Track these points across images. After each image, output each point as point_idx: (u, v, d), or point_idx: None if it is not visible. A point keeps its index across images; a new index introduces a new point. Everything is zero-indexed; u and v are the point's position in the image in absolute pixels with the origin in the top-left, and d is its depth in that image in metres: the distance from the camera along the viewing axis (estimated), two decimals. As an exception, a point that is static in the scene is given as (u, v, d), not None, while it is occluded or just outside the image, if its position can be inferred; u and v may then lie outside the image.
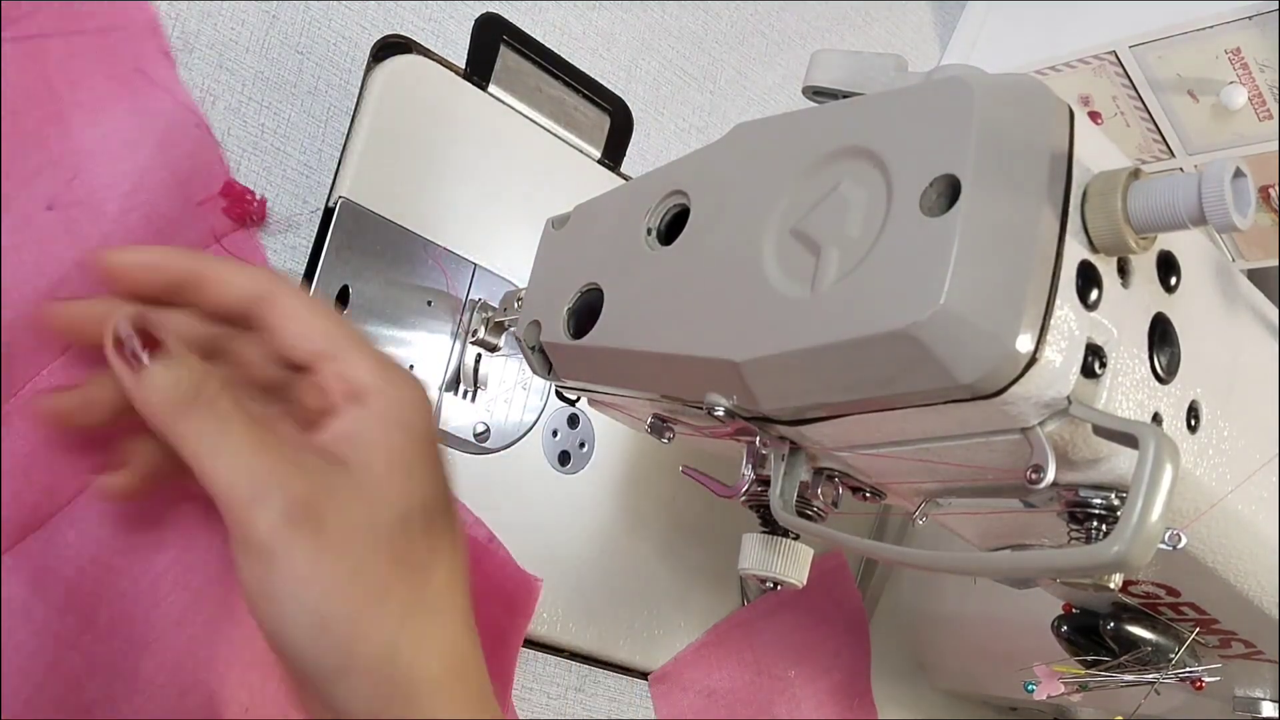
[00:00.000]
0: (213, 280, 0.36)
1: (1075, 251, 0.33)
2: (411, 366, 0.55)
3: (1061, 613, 0.51)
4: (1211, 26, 0.67)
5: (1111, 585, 0.38)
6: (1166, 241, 0.37)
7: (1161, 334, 0.36)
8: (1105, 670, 0.49)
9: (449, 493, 0.37)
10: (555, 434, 0.61)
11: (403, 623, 0.34)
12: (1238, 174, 0.32)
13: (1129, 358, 0.35)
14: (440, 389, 0.56)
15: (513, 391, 0.59)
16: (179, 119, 0.44)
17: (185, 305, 0.37)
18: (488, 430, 0.58)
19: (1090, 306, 0.34)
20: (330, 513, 0.33)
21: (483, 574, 0.54)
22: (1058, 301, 0.32)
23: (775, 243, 0.38)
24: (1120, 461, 0.36)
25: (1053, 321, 0.32)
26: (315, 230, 0.53)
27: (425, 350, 0.55)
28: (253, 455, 0.33)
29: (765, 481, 0.44)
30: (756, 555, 0.45)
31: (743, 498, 0.46)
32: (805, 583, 0.46)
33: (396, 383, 0.36)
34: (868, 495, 0.44)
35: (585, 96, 0.63)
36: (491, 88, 0.59)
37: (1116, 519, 0.34)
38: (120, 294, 0.36)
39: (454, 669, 0.34)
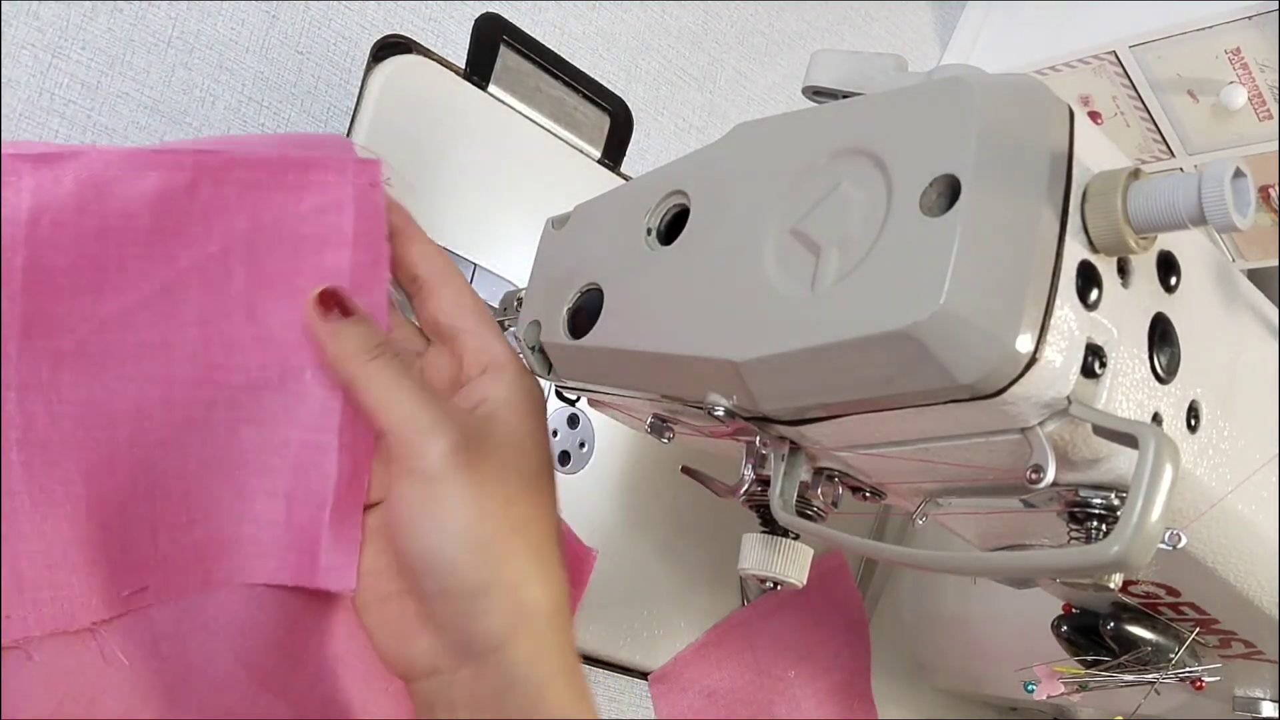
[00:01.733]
0: (414, 243, 0.43)
1: (1075, 251, 0.33)
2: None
3: (1061, 613, 0.51)
4: (1211, 26, 0.67)
5: (1111, 585, 0.38)
6: (1166, 241, 0.37)
7: (1161, 334, 0.36)
8: (1105, 670, 0.49)
9: (552, 461, 0.43)
10: (555, 434, 0.61)
11: (533, 556, 0.39)
12: (1238, 174, 0.32)
13: (1129, 358, 0.35)
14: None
15: (513, 391, 0.59)
16: None
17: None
18: (488, 430, 0.58)
19: (1090, 306, 0.34)
20: (485, 454, 0.38)
21: None
22: (1058, 301, 0.32)
23: (775, 243, 0.38)
24: (1120, 461, 0.36)
25: (1053, 321, 0.32)
26: (315, 230, 0.53)
27: (425, 350, 0.55)
28: (425, 403, 0.38)
29: (765, 481, 0.44)
30: (756, 555, 0.45)
31: (743, 498, 0.46)
32: (805, 583, 0.46)
33: (521, 364, 0.43)
34: (868, 495, 0.44)
35: (585, 96, 0.63)
36: (491, 88, 0.59)
37: (1116, 519, 0.34)
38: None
39: (562, 607, 0.40)
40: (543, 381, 0.49)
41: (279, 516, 0.40)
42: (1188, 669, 0.49)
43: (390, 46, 0.56)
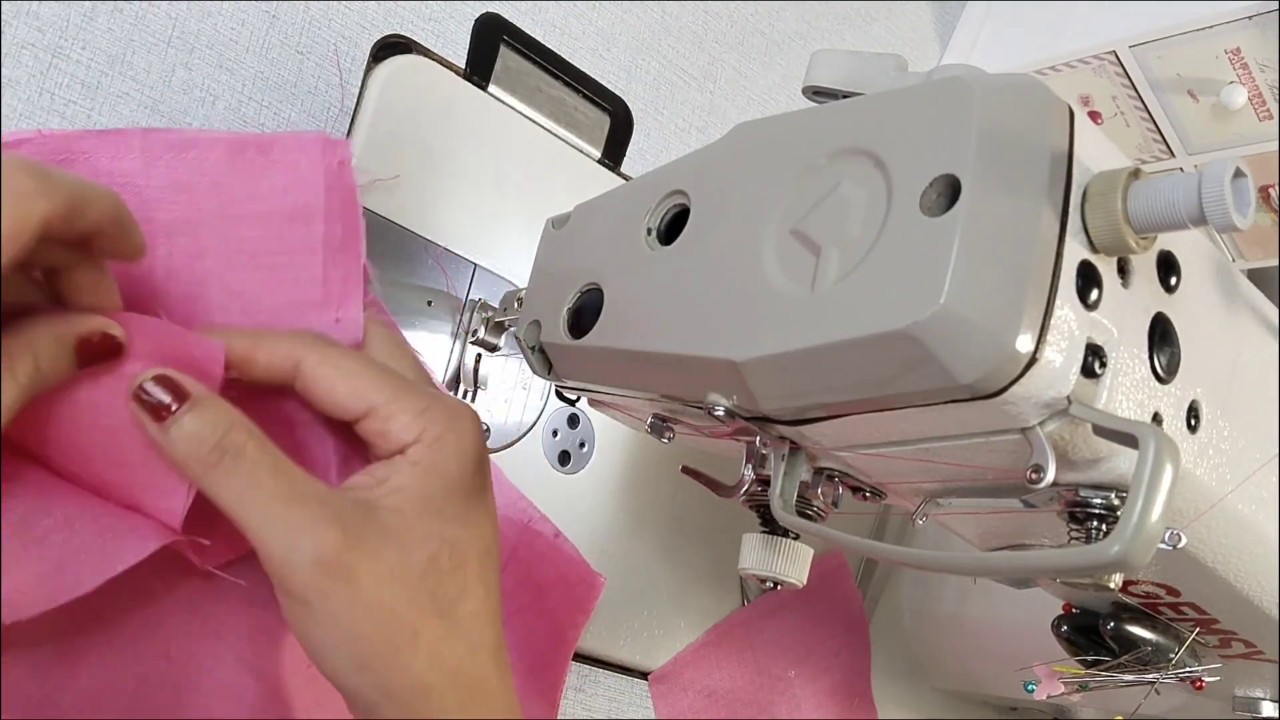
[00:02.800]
0: (256, 351, 0.37)
1: (1075, 251, 0.33)
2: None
3: (1061, 613, 0.51)
4: (1211, 26, 0.67)
5: (1111, 585, 0.38)
6: (1166, 241, 0.37)
7: (1161, 334, 0.36)
8: (1105, 670, 0.49)
9: (487, 527, 0.39)
10: (555, 434, 0.61)
11: (432, 659, 0.36)
12: (1238, 174, 0.32)
13: (1129, 358, 0.35)
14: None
15: (513, 391, 0.59)
16: None
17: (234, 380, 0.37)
18: (488, 430, 0.58)
19: (1090, 306, 0.34)
20: (361, 561, 0.34)
21: (549, 568, 0.56)
22: (1058, 301, 0.32)
23: (775, 243, 0.38)
24: (1120, 461, 0.36)
25: (1053, 321, 0.32)
26: (315, 230, 0.53)
27: (425, 350, 0.55)
28: (285, 506, 0.34)
29: (765, 481, 0.44)
30: (756, 555, 0.45)
31: (743, 498, 0.46)
32: (805, 583, 0.46)
33: (437, 432, 0.37)
34: (868, 495, 0.44)
35: (585, 96, 0.63)
36: (491, 88, 0.59)
37: (1116, 519, 0.34)
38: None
39: (479, 698, 0.37)
40: (543, 381, 0.49)
41: None
42: (1188, 669, 0.49)
43: (390, 46, 0.56)
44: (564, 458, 0.61)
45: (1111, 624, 0.49)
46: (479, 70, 0.58)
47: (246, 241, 0.40)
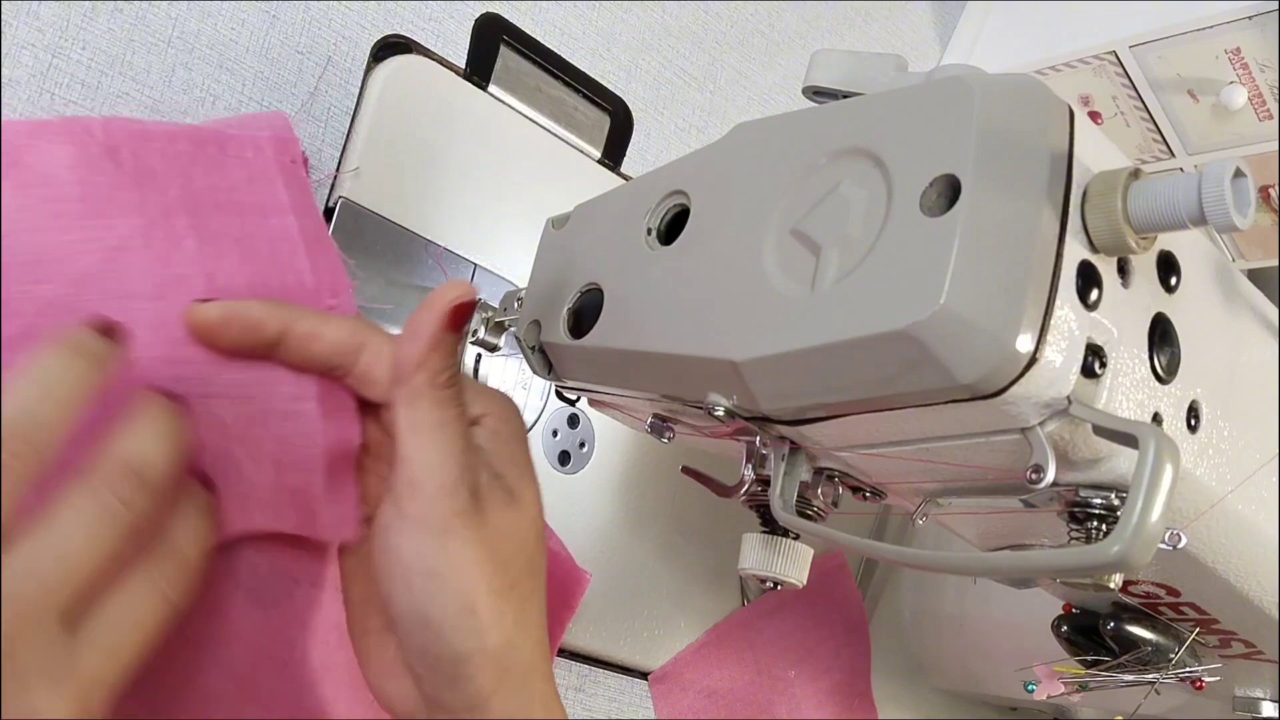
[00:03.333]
0: (303, 335, 0.38)
1: (1075, 251, 0.33)
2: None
3: (1061, 613, 0.51)
4: (1211, 26, 0.67)
5: (1111, 585, 0.38)
6: (1166, 241, 0.37)
7: (1161, 334, 0.36)
8: (1105, 670, 0.49)
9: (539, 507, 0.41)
10: (555, 434, 0.61)
11: (518, 615, 0.37)
12: (1238, 174, 0.32)
13: (1129, 358, 0.35)
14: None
15: (513, 391, 0.59)
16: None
17: (276, 358, 0.38)
18: (488, 430, 0.58)
19: (1090, 306, 0.34)
20: (491, 511, 0.37)
21: None
22: (1058, 301, 0.32)
23: (775, 243, 0.38)
24: (1120, 461, 0.36)
25: (1053, 321, 0.32)
26: (315, 230, 0.53)
27: (425, 350, 0.55)
28: (461, 452, 0.37)
29: (765, 481, 0.44)
30: (756, 555, 0.45)
31: (743, 498, 0.46)
32: (805, 583, 0.46)
33: (503, 401, 0.40)
34: (868, 495, 0.44)
35: (585, 96, 0.63)
36: (491, 88, 0.59)
37: (1116, 519, 0.34)
38: (214, 348, 0.38)
39: (542, 661, 0.39)
40: (543, 381, 0.49)
41: (268, 478, 0.39)
42: (1188, 669, 0.49)
43: (390, 46, 0.56)
44: (564, 458, 0.61)
45: (1111, 624, 0.49)
46: (479, 70, 0.58)
47: (226, 230, 0.40)
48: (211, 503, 0.37)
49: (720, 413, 0.39)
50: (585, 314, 0.45)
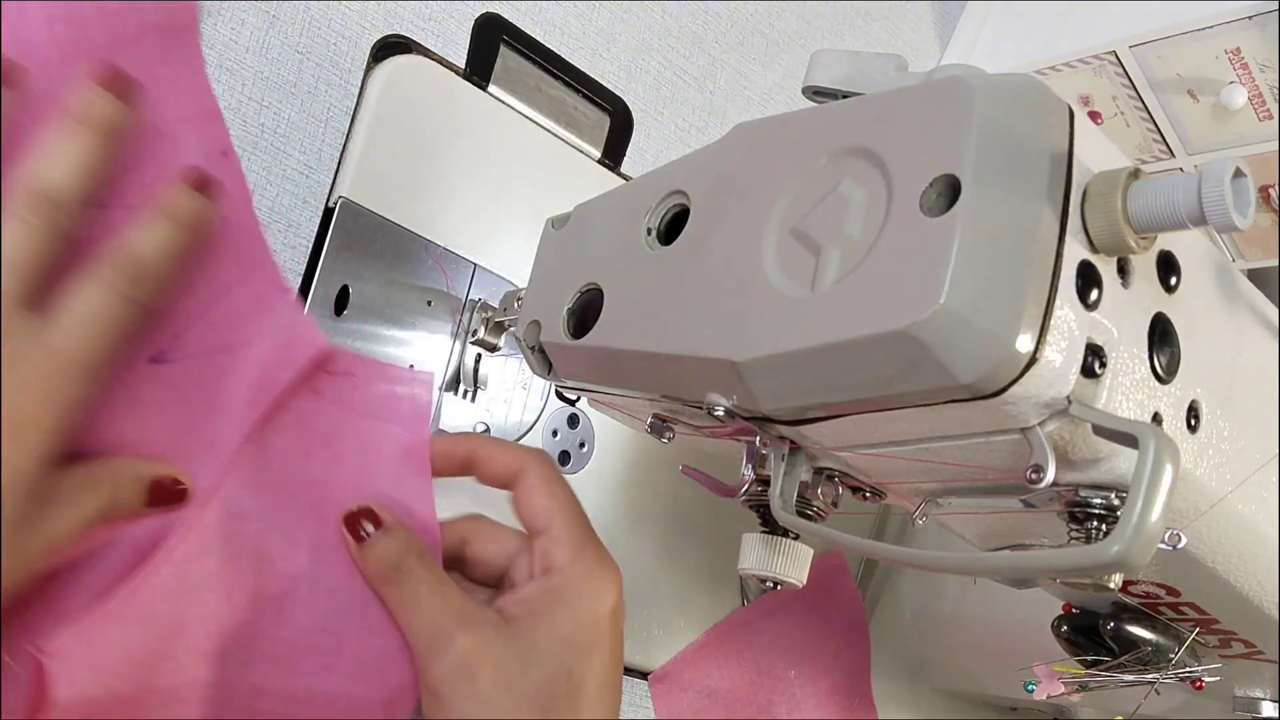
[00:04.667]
0: (484, 459, 0.47)
1: (1075, 251, 0.33)
2: (411, 366, 0.55)
3: (1061, 613, 0.51)
4: (1211, 26, 0.67)
5: (1111, 585, 0.38)
6: (1166, 241, 0.37)
7: (1161, 334, 0.36)
8: (1105, 670, 0.49)
9: (611, 667, 0.44)
10: (555, 434, 0.61)
11: None
12: (1238, 174, 0.32)
13: (1129, 358, 0.35)
14: (440, 389, 0.56)
15: (513, 391, 0.59)
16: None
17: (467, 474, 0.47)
18: (488, 430, 0.58)
19: (1090, 306, 0.34)
20: (485, 664, 0.41)
21: None
22: (1058, 301, 0.32)
23: (775, 243, 0.38)
24: (1120, 461, 0.36)
25: (1053, 321, 0.32)
26: (315, 230, 0.53)
27: (425, 350, 0.55)
28: (436, 616, 0.42)
29: (765, 481, 0.44)
30: (756, 555, 0.45)
31: (743, 498, 0.46)
32: (805, 583, 0.46)
33: (584, 572, 0.44)
34: (868, 495, 0.44)
35: (585, 96, 0.63)
36: (491, 88, 0.59)
37: (1116, 519, 0.34)
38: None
39: None
40: (543, 381, 0.49)
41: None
42: (1188, 669, 0.49)
43: (390, 46, 0.56)
44: (564, 458, 0.61)
45: (1111, 624, 0.49)
46: (479, 70, 0.58)
47: None
48: (195, 213, 0.41)
49: (720, 413, 0.39)
50: (585, 314, 0.45)
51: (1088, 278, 0.33)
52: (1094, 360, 0.34)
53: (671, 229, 0.43)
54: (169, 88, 0.43)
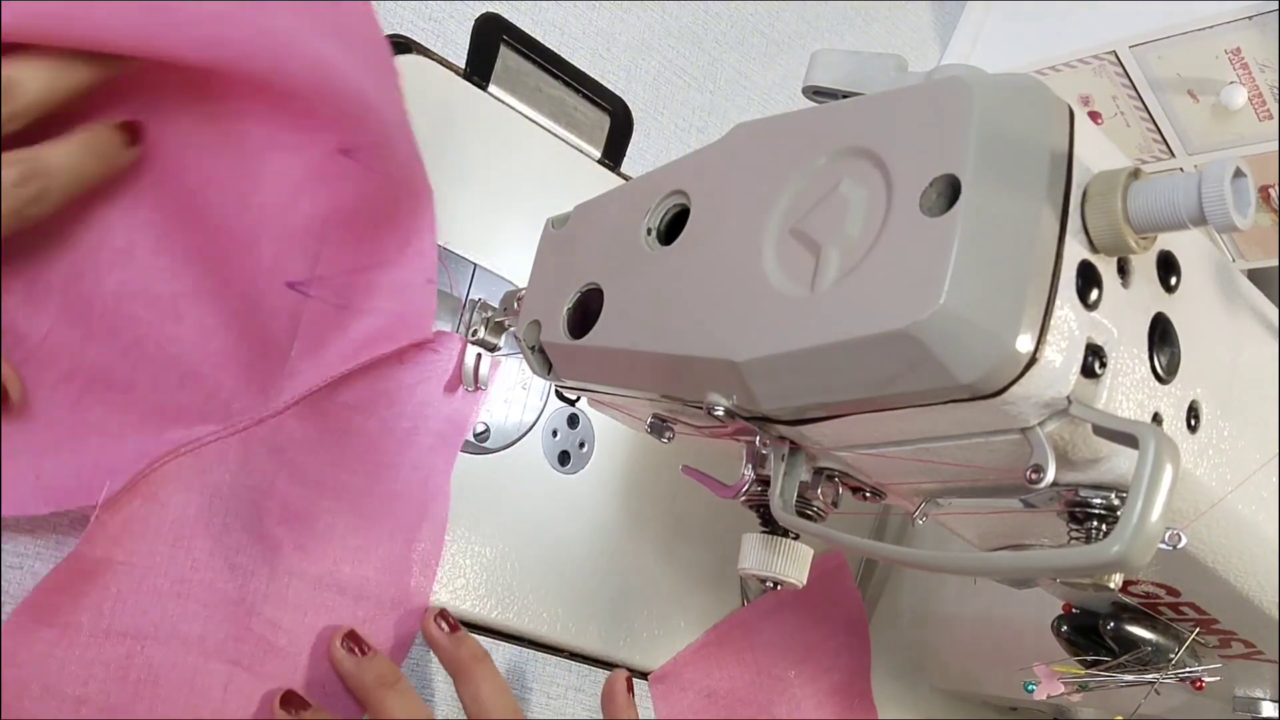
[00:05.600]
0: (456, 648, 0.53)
1: (1075, 251, 0.33)
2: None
3: (1061, 613, 0.51)
4: (1211, 26, 0.67)
5: (1111, 585, 0.38)
6: (1166, 241, 0.37)
7: (1161, 334, 0.36)
8: (1105, 670, 0.49)
9: None
10: (555, 434, 0.61)
11: None
12: (1238, 174, 0.32)
13: (1129, 358, 0.35)
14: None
15: (513, 391, 0.59)
16: None
17: None
18: (488, 430, 0.58)
19: (1090, 306, 0.34)
20: None
21: None
22: (1058, 301, 0.32)
23: (775, 243, 0.38)
24: (1120, 461, 0.36)
25: (1053, 321, 0.32)
26: (315, 230, 0.52)
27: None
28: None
29: (765, 481, 0.44)
30: (756, 555, 0.45)
31: (743, 498, 0.46)
32: (805, 583, 0.46)
33: None
34: (868, 495, 0.44)
35: (585, 96, 0.63)
36: (491, 88, 0.59)
37: (1116, 519, 0.34)
38: None
39: None
40: (543, 381, 0.49)
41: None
42: (1188, 669, 0.49)
43: (390, 46, 0.56)
44: (564, 458, 0.61)
45: (1111, 624, 0.49)
46: (479, 70, 0.58)
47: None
48: (114, 144, 0.44)
49: (720, 413, 0.39)
50: (585, 314, 0.45)
51: (1088, 278, 0.33)
52: (1094, 360, 0.34)
53: (671, 229, 0.43)
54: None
